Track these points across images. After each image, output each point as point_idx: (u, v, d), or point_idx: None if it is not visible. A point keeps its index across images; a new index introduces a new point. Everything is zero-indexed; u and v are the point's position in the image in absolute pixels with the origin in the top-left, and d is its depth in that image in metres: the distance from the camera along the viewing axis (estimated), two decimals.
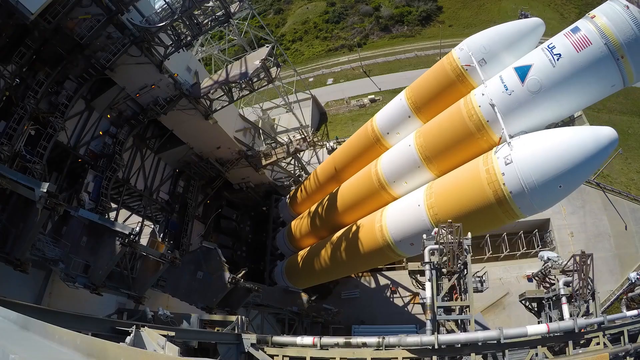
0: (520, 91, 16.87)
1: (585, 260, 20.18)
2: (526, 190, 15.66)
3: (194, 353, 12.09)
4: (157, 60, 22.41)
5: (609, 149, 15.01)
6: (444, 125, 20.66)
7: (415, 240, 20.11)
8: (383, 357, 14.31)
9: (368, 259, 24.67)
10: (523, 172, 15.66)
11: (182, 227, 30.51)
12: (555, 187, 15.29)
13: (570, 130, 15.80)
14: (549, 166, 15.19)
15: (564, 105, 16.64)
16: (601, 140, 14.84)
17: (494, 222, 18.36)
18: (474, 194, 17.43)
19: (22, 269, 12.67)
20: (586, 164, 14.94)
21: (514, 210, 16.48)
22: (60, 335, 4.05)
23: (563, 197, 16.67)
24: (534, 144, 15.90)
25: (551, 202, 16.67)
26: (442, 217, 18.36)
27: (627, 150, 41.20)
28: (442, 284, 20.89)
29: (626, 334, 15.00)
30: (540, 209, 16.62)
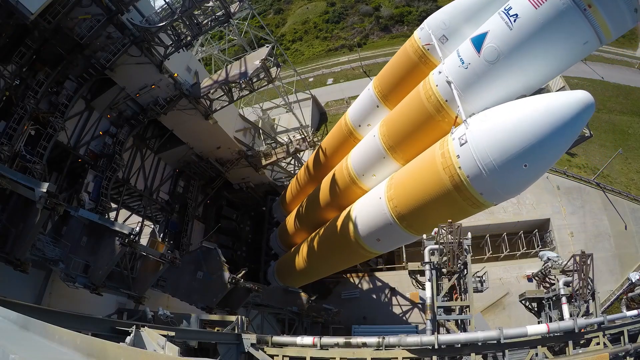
0: (477, 63, 14.73)
1: (585, 260, 20.19)
2: (484, 173, 13.59)
3: (194, 353, 12.08)
4: (157, 60, 22.41)
5: (583, 116, 12.51)
6: (404, 111, 19.39)
7: (380, 235, 19.23)
8: (383, 357, 14.31)
9: (343, 257, 23.91)
10: (479, 152, 13.59)
11: (182, 227, 30.52)
12: (519, 166, 13.03)
13: (533, 99, 13.32)
14: (508, 142, 13.04)
15: (531, 72, 14.13)
16: (572, 107, 12.39)
17: (458, 212, 16.39)
18: (431, 181, 15.67)
19: (22, 269, 12.67)
20: (555, 137, 12.49)
21: (475, 197, 14.51)
22: (60, 335, 4.05)
23: (533, 179, 14.22)
24: (491, 119, 13.83)
25: (519, 186, 14.36)
26: (402, 209, 17.27)
27: (627, 150, 41.23)
28: (442, 284, 20.93)
29: (626, 334, 15.00)
30: (507, 194, 14.65)
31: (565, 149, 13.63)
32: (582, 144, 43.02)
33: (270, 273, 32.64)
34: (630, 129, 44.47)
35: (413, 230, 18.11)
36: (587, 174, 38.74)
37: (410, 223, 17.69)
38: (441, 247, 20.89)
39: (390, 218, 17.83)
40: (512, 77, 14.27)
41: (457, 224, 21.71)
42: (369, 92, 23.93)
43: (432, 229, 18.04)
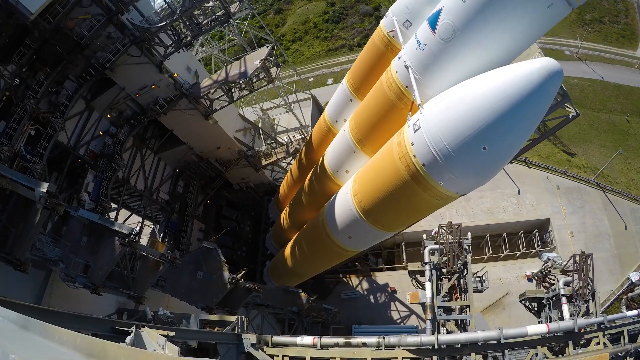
0: (433, 42, 13.56)
1: (585, 260, 20.21)
2: (439, 159, 12.23)
3: (194, 353, 12.08)
4: (157, 60, 22.41)
5: (546, 87, 10.70)
6: (369, 102, 18.71)
7: (351, 232, 18.55)
8: (383, 357, 14.31)
9: (323, 255, 23.34)
10: (432, 137, 12.26)
11: (182, 227, 30.52)
12: (477, 149, 11.51)
13: (491, 74, 11.65)
14: (462, 124, 11.56)
15: (492, 47, 12.62)
16: (532, 77, 10.58)
17: (423, 206, 15.10)
18: (389, 173, 14.58)
19: (22, 269, 12.66)
20: (516, 113, 10.85)
21: (434, 187, 13.12)
22: (60, 335, 4.05)
23: (498, 163, 12.61)
24: (444, 100, 12.53)
25: (483, 172, 12.75)
26: (366, 204, 16.49)
27: (627, 150, 41.25)
28: (442, 284, 20.96)
29: (626, 334, 15.01)
30: (471, 182, 13.16)
31: (531, 126, 11.67)
32: (582, 146, 43.09)
33: (265, 273, 32.61)
34: (630, 129, 44.50)
35: (380, 227, 17.20)
36: (587, 174, 38.75)
37: (376, 218, 16.76)
38: (441, 247, 20.96)
39: (357, 214, 17.01)
40: (471, 54, 12.85)
41: (457, 224, 21.80)
42: (343, 86, 23.41)
43: (402, 225, 17.48)
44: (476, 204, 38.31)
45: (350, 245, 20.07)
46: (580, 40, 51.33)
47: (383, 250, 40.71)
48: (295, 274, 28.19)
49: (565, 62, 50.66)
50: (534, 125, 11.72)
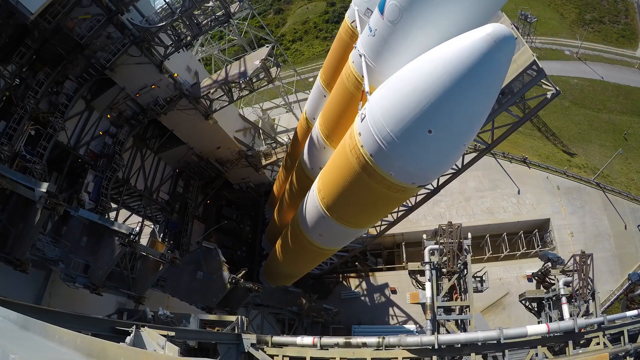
0: (382, 27, 12.87)
1: (585, 260, 20.21)
2: (384, 147, 11.40)
3: (194, 353, 12.08)
4: (157, 60, 22.41)
5: (495, 55, 9.11)
6: (333, 96, 18.25)
7: (321, 230, 18.24)
8: (383, 357, 14.31)
9: (304, 254, 22.96)
10: (376, 124, 11.45)
11: (182, 227, 30.52)
12: (422, 134, 10.47)
13: (434, 49, 10.32)
14: (403, 107, 10.52)
15: (442, 23, 11.38)
16: (476, 46, 9.13)
17: (383, 200, 14.23)
18: (343, 166, 13.96)
19: (22, 269, 12.67)
20: (461, 89, 9.57)
21: (385, 178, 12.26)
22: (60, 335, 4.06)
23: (451, 149, 11.38)
24: (386, 85, 11.62)
25: (434, 160, 11.69)
26: (328, 200, 16.08)
27: (627, 150, 41.25)
28: (442, 284, 20.97)
29: (626, 334, 15.00)
30: (423, 171, 12.16)
31: (485, 104, 10.27)
32: (582, 146, 43.07)
33: (261, 274, 32.60)
34: (630, 129, 44.49)
35: (346, 223, 16.84)
36: (587, 174, 38.76)
37: (339, 215, 16.37)
38: (441, 247, 20.96)
39: (322, 211, 16.64)
40: (422, 34, 11.84)
41: (457, 224, 21.80)
42: (317, 82, 23.17)
43: (368, 221, 16.97)
44: (476, 204, 38.31)
45: (324, 243, 19.79)
46: (580, 40, 51.33)
47: (383, 250, 40.73)
48: (284, 274, 28.13)
49: (565, 62, 50.74)
50: (487, 101, 10.27)
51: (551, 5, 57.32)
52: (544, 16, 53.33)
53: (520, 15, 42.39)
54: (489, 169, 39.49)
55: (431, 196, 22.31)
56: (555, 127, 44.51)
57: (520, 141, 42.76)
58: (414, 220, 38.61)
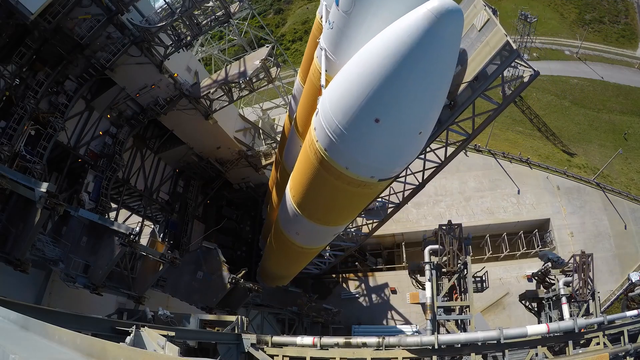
0: (338, 18, 12.53)
1: (585, 260, 20.22)
2: (335, 141, 10.99)
3: (194, 353, 12.08)
4: (157, 60, 22.41)
5: (438, 32, 8.29)
6: (303, 93, 17.93)
7: (298, 229, 18.10)
8: (383, 357, 14.30)
9: (289, 254, 22.75)
10: (326, 117, 11.04)
11: (182, 227, 30.51)
12: (369, 123, 9.88)
13: (378, 34, 9.55)
14: (349, 95, 9.95)
15: (397, 8, 10.51)
16: (418, 23, 8.36)
17: (342, 195, 13.70)
18: (305, 163, 13.70)
19: (22, 269, 12.67)
20: (404, 71, 8.85)
21: (342, 172, 11.80)
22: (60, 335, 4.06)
23: (404, 139, 10.59)
24: (336, 77, 11.06)
25: (386, 152, 10.97)
26: (297, 198, 15.89)
27: (627, 150, 41.25)
28: (442, 284, 20.97)
29: (626, 334, 15.01)
30: (380, 165, 11.51)
31: (436, 87, 9.50)
32: (582, 146, 43.05)
33: (258, 274, 32.64)
34: (630, 129, 44.49)
35: (317, 221, 16.62)
36: (587, 174, 38.77)
37: (309, 213, 16.12)
38: (441, 247, 20.97)
39: (294, 209, 16.49)
40: (378, 20, 11.19)
41: (457, 224, 21.81)
42: (297, 81, 22.98)
43: (338, 219, 16.70)
44: (476, 204, 38.33)
45: (302, 242, 19.65)
46: (580, 40, 51.33)
47: (383, 250, 40.76)
48: (275, 274, 28.06)
49: (565, 62, 50.73)
50: (438, 84, 9.45)
51: (551, 5, 57.31)
52: (544, 16, 53.32)
53: (520, 15, 42.37)
54: (489, 169, 39.53)
55: (417, 191, 21.36)
56: (555, 127, 44.51)
57: (520, 141, 42.77)
58: (414, 220, 38.70)
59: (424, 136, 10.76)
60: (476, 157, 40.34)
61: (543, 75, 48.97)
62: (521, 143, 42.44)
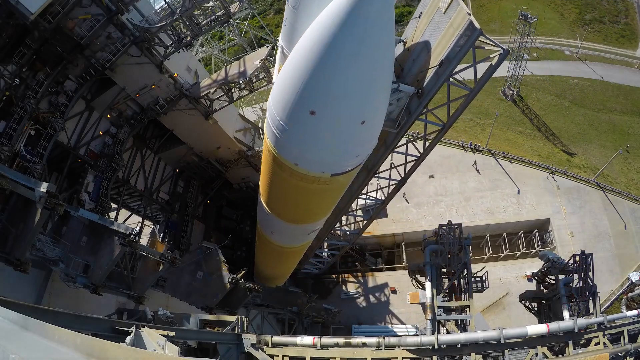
0: (289, 15, 12.38)
1: (585, 260, 20.22)
2: (279, 137, 10.84)
3: (194, 353, 12.08)
4: (157, 60, 22.40)
5: (365, 9, 7.74)
6: None
7: (271, 227, 18.07)
8: (383, 357, 14.31)
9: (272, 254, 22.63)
10: (270, 114, 10.87)
11: (182, 227, 30.51)
12: (305, 116, 9.56)
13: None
14: (286, 89, 9.65)
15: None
16: (338, 6, 7.89)
17: (301, 192, 13.43)
18: (264, 161, 13.50)
19: (22, 269, 12.67)
20: (331, 57, 8.37)
21: (293, 168, 11.62)
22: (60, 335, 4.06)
23: (349, 132, 10.19)
24: (279, 72, 10.79)
25: (329, 145, 10.55)
26: (265, 196, 15.80)
27: (627, 150, 41.24)
28: (442, 284, 20.99)
29: (626, 334, 15.00)
30: (322, 158, 11.14)
31: (371, 72, 8.81)
32: (582, 146, 43.00)
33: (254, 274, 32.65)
34: (630, 129, 44.51)
35: (285, 219, 16.50)
36: (587, 174, 38.76)
37: (278, 212, 16.06)
38: (441, 247, 20.98)
39: (265, 207, 16.57)
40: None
41: (457, 224, 21.82)
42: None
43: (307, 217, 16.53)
44: (476, 204, 38.34)
45: (279, 241, 19.55)
46: (580, 40, 51.34)
47: (383, 250, 40.79)
48: (265, 275, 28.02)
49: (565, 62, 50.74)
50: (373, 68, 8.75)
51: (551, 5, 57.30)
52: (544, 16, 53.30)
53: (520, 15, 42.33)
54: (489, 169, 39.54)
55: (400, 187, 20.82)
56: (555, 127, 44.52)
57: (520, 141, 42.78)
58: (414, 220, 38.73)
59: (369, 126, 10.17)
60: (476, 157, 40.38)
61: (543, 75, 48.99)
62: (521, 143, 42.44)
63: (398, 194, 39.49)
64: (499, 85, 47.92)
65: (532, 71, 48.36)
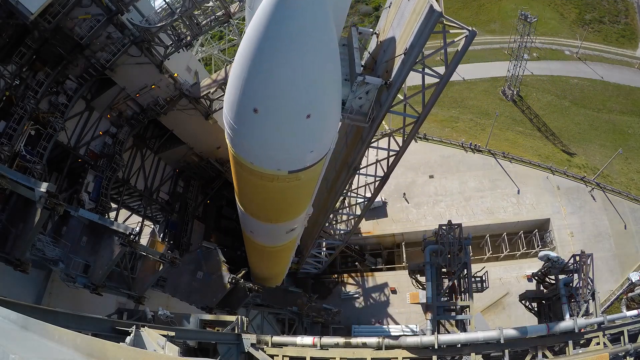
0: (248, 16, 12.26)
1: (585, 260, 20.21)
2: (232, 135, 10.94)
3: (194, 353, 12.08)
4: (157, 60, 22.40)
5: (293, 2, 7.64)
6: None
7: (250, 227, 18.21)
8: (383, 357, 14.32)
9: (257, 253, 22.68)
10: (224, 114, 10.84)
11: (182, 227, 30.51)
12: (250, 115, 9.52)
13: None
14: (232, 88, 9.61)
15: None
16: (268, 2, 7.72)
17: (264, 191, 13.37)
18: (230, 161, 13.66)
19: (22, 269, 12.67)
20: (265, 55, 8.30)
21: (250, 167, 11.65)
22: (60, 335, 4.06)
23: (295, 128, 9.93)
24: None
25: (277, 142, 10.40)
26: (238, 198, 16.02)
27: (627, 150, 41.24)
28: (442, 284, 20.98)
29: (626, 334, 15.01)
30: (272, 155, 11.04)
31: (309, 64, 8.55)
32: (582, 146, 42.99)
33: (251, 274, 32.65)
34: (630, 129, 44.50)
35: (258, 218, 16.50)
36: (587, 174, 38.76)
37: (251, 211, 16.11)
38: (441, 247, 20.98)
39: (240, 207, 16.70)
40: None
41: (457, 224, 21.82)
42: None
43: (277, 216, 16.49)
44: (476, 204, 38.34)
45: (261, 240, 19.54)
46: (580, 40, 51.33)
47: (383, 250, 40.76)
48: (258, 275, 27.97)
49: (565, 62, 50.72)
50: (311, 60, 8.49)
51: (551, 5, 57.28)
52: (544, 16, 53.28)
53: (520, 15, 42.30)
54: (489, 169, 39.54)
55: (384, 182, 20.22)
56: (555, 127, 44.52)
57: (520, 141, 42.77)
58: (414, 220, 38.71)
59: (316, 120, 9.84)
60: (476, 157, 40.38)
61: (543, 75, 48.98)
62: (521, 143, 42.43)
63: (398, 194, 39.79)
64: (499, 85, 47.92)
65: (532, 71, 48.34)
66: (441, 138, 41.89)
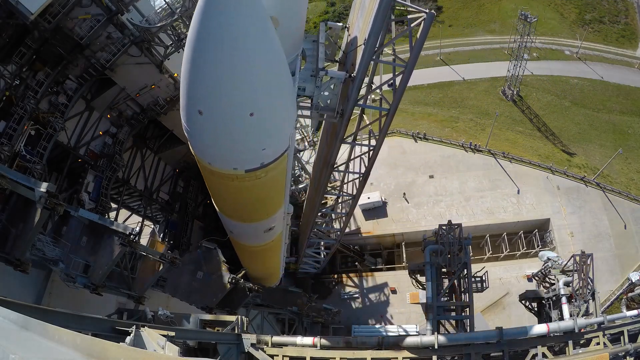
0: None
1: (585, 260, 20.22)
2: (188, 137, 11.15)
3: (194, 353, 12.08)
4: (157, 60, 22.40)
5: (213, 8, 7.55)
6: None
7: (229, 227, 18.21)
8: (383, 357, 14.31)
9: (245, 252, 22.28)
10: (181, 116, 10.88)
11: (182, 227, 30.51)
12: (196, 116, 9.65)
13: None
14: (181, 93, 9.71)
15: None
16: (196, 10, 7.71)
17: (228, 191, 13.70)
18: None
19: (22, 269, 12.67)
20: (200, 57, 8.34)
21: (209, 167, 11.89)
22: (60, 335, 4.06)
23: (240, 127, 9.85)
24: None
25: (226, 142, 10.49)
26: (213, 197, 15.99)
27: (627, 150, 41.25)
28: (442, 284, 20.98)
29: (626, 334, 15.01)
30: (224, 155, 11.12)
31: (244, 62, 8.44)
32: (582, 146, 42.95)
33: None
34: (630, 129, 44.52)
35: (232, 218, 16.54)
36: (587, 174, 38.77)
37: (224, 211, 16.18)
38: (441, 247, 20.98)
39: (215, 206, 16.76)
40: None
41: (457, 224, 21.82)
42: None
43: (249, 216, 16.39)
44: (476, 204, 38.35)
45: (242, 240, 19.45)
46: (580, 40, 51.34)
47: (383, 250, 40.78)
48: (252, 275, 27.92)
49: (565, 62, 50.75)
50: (247, 57, 8.38)
51: (551, 5, 57.30)
52: (544, 16, 53.31)
53: (520, 15, 42.31)
54: (489, 169, 39.55)
55: (365, 179, 19.69)
56: (555, 127, 44.53)
57: (520, 141, 42.78)
58: (414, 220, 38.74)
59: (261, 117, 9.77)
60: (476, 157, 40.39)
61: (543, 75, 49.00)
62: (521, 143, 42.44)
63: (398, 194, 39.79)
64: (499, 85, 47.94)
65: (532, 71, 48.35)
66: (441, 138, 41.91)
